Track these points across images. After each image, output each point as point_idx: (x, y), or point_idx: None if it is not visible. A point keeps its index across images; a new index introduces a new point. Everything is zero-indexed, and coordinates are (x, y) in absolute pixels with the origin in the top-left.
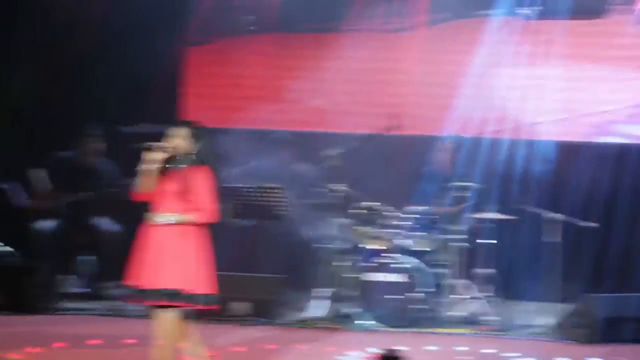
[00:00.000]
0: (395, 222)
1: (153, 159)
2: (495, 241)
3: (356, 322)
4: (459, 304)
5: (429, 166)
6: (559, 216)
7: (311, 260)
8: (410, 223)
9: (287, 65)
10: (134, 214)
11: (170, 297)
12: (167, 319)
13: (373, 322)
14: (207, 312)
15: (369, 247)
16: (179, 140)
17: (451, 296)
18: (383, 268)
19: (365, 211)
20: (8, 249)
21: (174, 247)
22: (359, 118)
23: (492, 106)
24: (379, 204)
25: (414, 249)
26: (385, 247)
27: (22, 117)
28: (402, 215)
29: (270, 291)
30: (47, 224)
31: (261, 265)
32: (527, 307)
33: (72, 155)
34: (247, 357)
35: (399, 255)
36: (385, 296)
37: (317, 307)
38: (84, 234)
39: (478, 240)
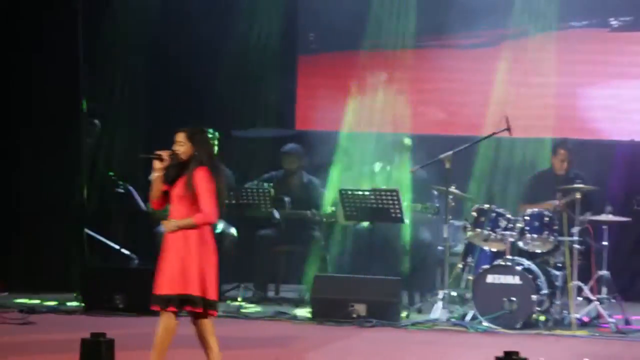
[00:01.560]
0: (511, 224)
1: (155, 167)
2: (612, 243)
3: (473, 323)
4: (576, 305)
5: (545, 168)
6: None
7: (428, 263)
8: (526, 225)
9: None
10: (248, 218)
11: (165, 303)
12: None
13: (489, 324)
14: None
15: (485, 248)
16: (177, 145)
17: (568, 298)
18: (499, 270)
19: (480, 213)
20: (128, 252)
21: (174, 253)
22: (473, 123)
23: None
24: (494, 205)
25: (529, 250)
26: (501, 249)
27: (140, 121)
28: (518, 217)
29: (388, 293)
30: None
31: (378, 268)
32: None
33: None
34: (365, 359)
35: (515, 257)
36: (502, 298)
37: (434, 309)
38: None
39: (595, 242)
